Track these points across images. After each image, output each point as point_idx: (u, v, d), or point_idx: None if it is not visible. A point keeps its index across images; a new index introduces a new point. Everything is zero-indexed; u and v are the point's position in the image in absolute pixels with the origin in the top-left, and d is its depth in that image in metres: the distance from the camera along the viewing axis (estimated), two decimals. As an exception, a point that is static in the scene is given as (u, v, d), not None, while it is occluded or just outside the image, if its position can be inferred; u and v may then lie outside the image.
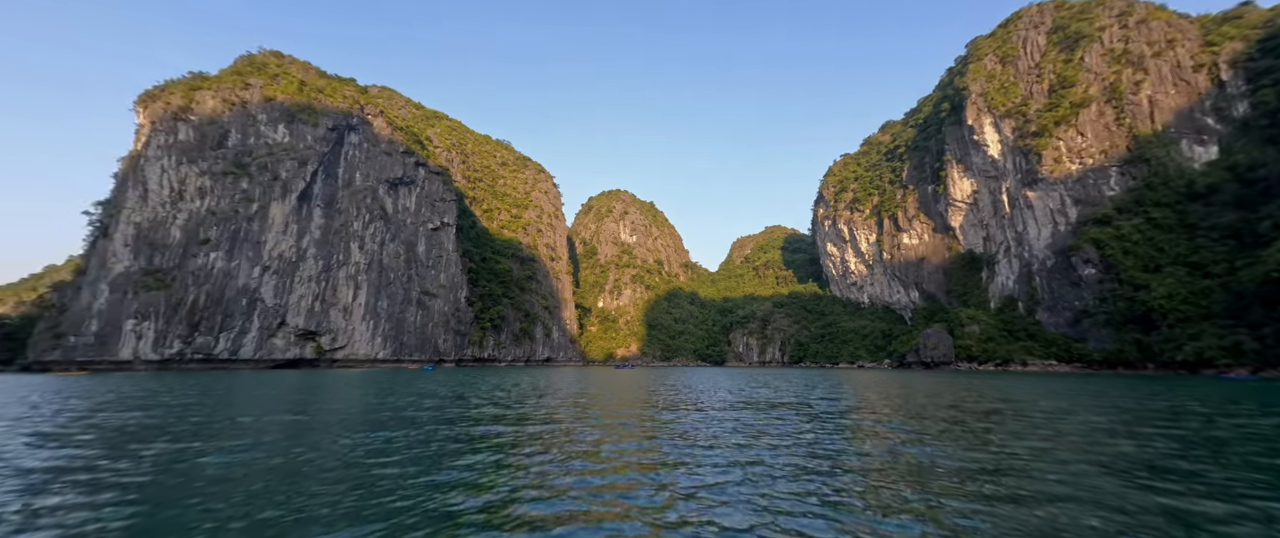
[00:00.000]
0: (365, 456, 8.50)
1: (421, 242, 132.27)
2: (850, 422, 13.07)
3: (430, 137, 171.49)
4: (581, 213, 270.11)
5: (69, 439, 10.36)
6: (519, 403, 18.21)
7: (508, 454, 8.73)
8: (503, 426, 12.34)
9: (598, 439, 10.23)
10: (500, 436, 10.73)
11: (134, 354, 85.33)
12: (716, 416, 14.19)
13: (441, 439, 10.20)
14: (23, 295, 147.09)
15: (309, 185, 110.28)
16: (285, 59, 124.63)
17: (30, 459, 8.36)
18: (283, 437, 10.51)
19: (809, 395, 21.63)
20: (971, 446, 9.72)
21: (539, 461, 8.18)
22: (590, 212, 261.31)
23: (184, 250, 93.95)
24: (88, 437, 10.64)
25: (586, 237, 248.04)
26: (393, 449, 8.93)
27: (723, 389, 25.47)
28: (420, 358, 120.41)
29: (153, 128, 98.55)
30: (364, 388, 26.98)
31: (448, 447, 9.39)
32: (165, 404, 17.89)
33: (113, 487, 6.62)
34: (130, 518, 5.30)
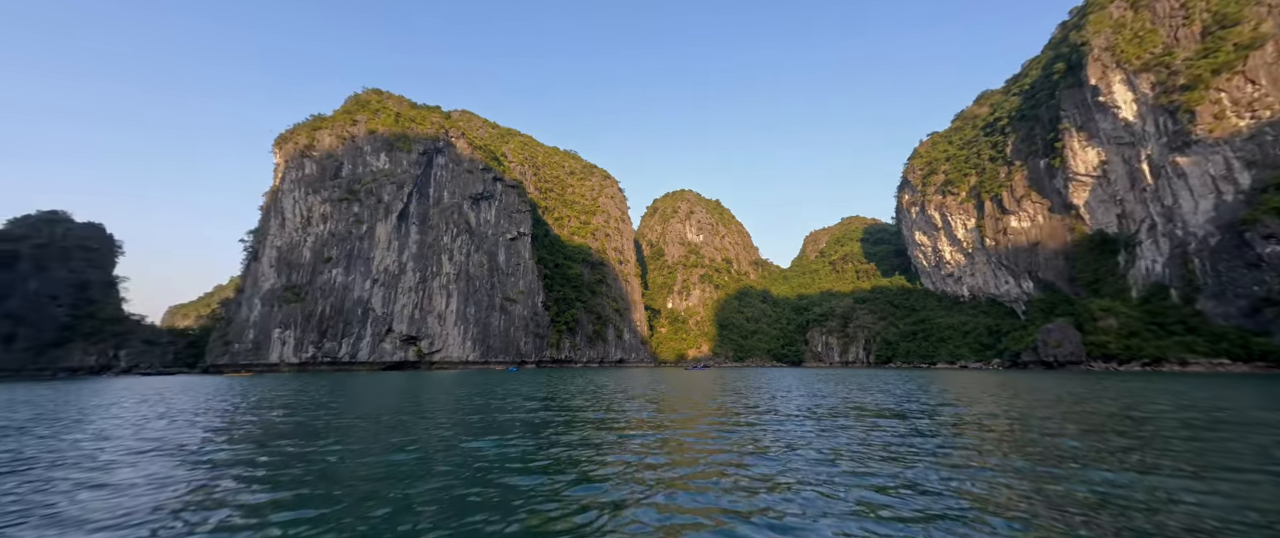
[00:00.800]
0: (499, 460, 9.12)
1: (501, 251, 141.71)
2: (1009, 439, 10.52)
3: (505, 153, 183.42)
4: (647, 215, 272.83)
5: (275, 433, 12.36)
6: (617, 408, 18.65)
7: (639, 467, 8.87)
8: (615, 433, 12.63)
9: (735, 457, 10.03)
10: (632, 442, 10.91)
11: (280, 358, 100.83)
12: (834, 424, 13.41)
13: (560, 444, 10.66)
14: (201, 311, 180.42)
15: (406, 205, 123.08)
16: (384, 95, 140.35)
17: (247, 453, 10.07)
18: (432, 439, 11.64)
19: (923, 400, 19.75)
20: (1206, 471, 7.51)
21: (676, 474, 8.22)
22: (655, 213, 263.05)
23: (313, 268, 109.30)
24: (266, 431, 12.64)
25: (653, 238, 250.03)
26: (533, 457, 9.36)
27: (804, 394, 24.17)
28: (505, 360, 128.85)
29: (286, 165, 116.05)
30: (468, 388, 29.29)
31: (567, 454, 9.75)
32: (308, 403, 20.74)
33: (272, 481, 7.72)
34: (316, 508, 6.13)
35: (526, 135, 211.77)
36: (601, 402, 19.86)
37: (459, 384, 34.98)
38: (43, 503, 6.34)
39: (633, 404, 18.74)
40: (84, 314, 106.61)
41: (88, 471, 8.17)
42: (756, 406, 17.72)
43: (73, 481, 7.51)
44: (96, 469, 8.26)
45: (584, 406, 18.12)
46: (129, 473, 7.93)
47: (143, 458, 9.14)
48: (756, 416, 14.51)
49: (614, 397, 22.15)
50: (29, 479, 7.66)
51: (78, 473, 8.00)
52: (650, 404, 18.61)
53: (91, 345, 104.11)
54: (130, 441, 11.27)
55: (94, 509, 6.00)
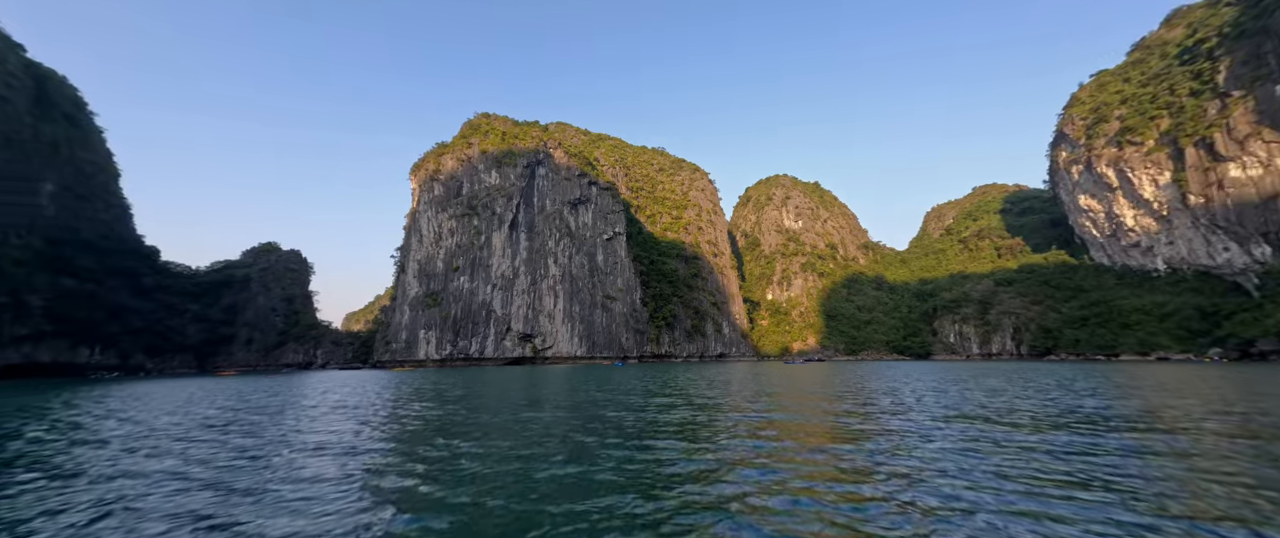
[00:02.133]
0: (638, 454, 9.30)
1: (599, 251, 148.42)
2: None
3: (597, 157, 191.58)
4: (739, 205, 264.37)
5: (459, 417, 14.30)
6: (727, 405, 18.16)
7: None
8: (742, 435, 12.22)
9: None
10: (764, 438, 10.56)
11: (426, 355, 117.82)
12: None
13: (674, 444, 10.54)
14: (368, 316, 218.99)
15: (515, 215, 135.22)
16: (491, 117, 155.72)
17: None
18: (570, 431, 12.42)
19: (1146, 406, 15.87)
20: None
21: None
22: (748, 203, 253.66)
23: (445, 277, 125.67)
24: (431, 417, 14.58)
25: (747, 228, 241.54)
26: (666, 461, 9.39)
27: (952, 394, 20.99)
28: (609, 355, 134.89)
29: (420, 189, 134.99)
30: (585, 382, 31.01)
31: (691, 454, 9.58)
32: (465, 395, 23.54)
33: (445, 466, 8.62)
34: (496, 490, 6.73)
35: (616, 138, 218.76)
36: (698, 400, 19.48)
37: (576, 377, 37.20)
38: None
39: (746, 402, 18.05)
40: (292, 322, 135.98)
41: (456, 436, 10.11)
42: (903, 407, 15.84)
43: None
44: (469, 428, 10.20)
45: (702, 400, 17.90)
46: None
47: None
48: (900, 419, 12.92)
49: (718, 394, 21.60)
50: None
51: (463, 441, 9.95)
52: (763, 398, 17.75)
53: (299, 346, 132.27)
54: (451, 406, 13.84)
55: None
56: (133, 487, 7.07)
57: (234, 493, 6.60)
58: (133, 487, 7.07)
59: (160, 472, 8.00)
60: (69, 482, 7.52)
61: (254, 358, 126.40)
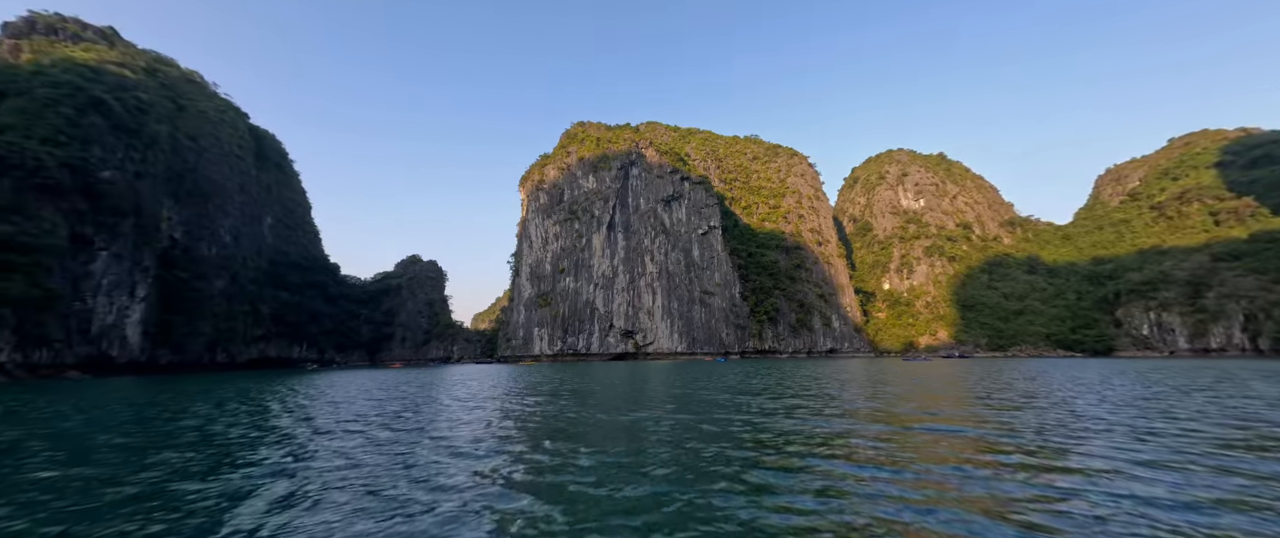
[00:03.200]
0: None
1: (695, 247, 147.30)
2: None
3: (688, 152, 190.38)
4: (845, 189, 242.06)
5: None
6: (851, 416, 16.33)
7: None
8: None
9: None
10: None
11: (540, 351, 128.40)
12: None
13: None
14: (490, 317, 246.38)
15: (612, 217, 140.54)
16: (587, 125, 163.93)
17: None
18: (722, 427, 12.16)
19: None
20: None
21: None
22: (856, 185, 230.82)
23: (553, 279, 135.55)
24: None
25: (855, 213, 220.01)
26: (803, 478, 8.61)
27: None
28: (710, 351, 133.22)
29: (528, 199, 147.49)
30: (688, 379, 30.69)
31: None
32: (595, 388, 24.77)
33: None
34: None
35: (706, 131, 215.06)
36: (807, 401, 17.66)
37: (684, 374, 37.09)
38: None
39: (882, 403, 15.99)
40: (434, 323, 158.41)
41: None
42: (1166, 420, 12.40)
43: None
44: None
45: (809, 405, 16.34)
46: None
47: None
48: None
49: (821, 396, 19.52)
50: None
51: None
52: (901, 402, 15.52)
53: (440, 343, 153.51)
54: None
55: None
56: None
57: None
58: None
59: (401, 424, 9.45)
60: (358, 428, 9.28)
61: (407, 353, 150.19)
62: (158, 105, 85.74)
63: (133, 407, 18.18)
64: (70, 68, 72.35)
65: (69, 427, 12.92)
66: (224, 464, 8.07)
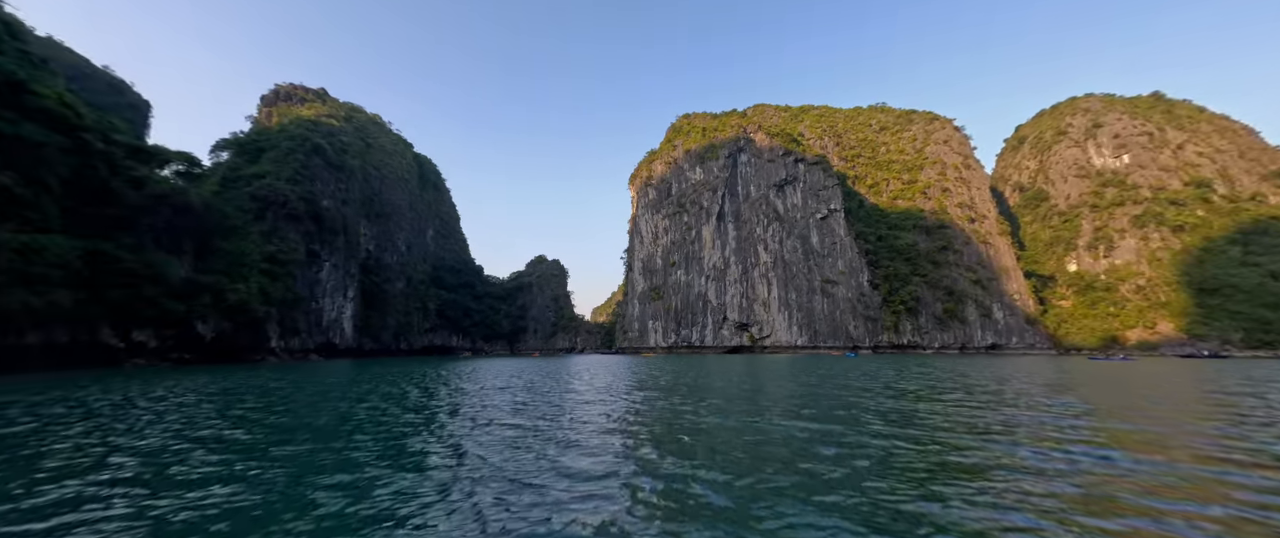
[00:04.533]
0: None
1: (813, 233, 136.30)
2: None
3: (801, 132, 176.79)
4: (1006, 152, 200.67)
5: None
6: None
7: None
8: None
9: None
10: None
11: (654, 343, 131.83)
12: None
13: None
14: (607, 310, 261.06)
15: (721, 207, 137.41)
16: (692, 117, 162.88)
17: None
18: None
19: None
20: None
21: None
22: (1022, 146, 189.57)
23: (665, 272, 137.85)
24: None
25: (1022, 180, 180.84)
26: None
27: None
28: (836, 345, 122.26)
29: (637, 195, 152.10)
30: (815, 376, 28.20)
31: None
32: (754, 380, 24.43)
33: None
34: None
35: (822, 106, 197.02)
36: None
37: (808, 371, 34.50)
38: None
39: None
40: (559, 316, 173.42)
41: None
42: None
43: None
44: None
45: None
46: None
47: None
48: None
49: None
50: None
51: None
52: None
53: (565, 335, 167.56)
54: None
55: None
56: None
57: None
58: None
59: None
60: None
61: (538, 343, 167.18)
62: (353, 145, 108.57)
63: (391, 375, 22.97)
64: (299, 123, 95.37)
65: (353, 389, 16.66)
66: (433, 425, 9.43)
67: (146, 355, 49.64)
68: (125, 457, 7.39)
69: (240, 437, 9.02)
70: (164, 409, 12.69)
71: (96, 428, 9.90)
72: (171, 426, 10.18)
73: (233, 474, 6.36)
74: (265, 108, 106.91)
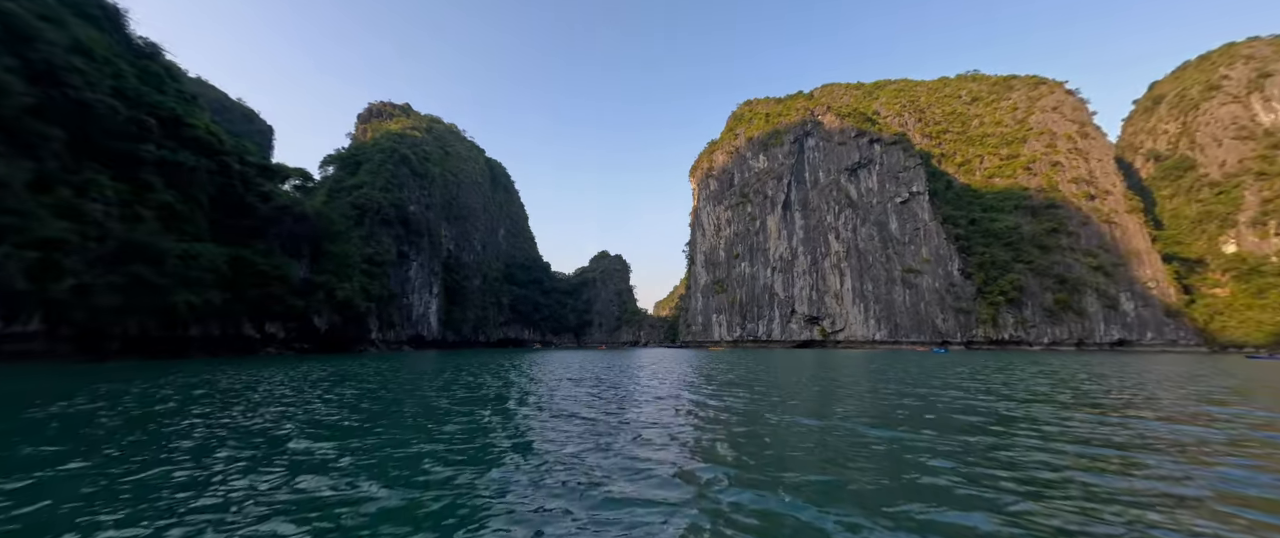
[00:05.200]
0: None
1: (892, 219, 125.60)
2: None
3: (876, 110, 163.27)
4: (1136, 115, 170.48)
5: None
6: None
7: None
8: None
9: None
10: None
11: (719, 337, 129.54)
12: None
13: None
14: (670, 304, 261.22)
15: (787, 195, 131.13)
16: (753, 103, 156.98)
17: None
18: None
19: None
20: None
21: None
22: (1159, 106, 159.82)
23: (728, 264, 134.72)
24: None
25: (1160, 147, 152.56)
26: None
27: None
28: (920, 340, 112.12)
29: (698, 187, 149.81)
30: (903, 378, 25.82)
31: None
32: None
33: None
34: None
35: (900, 80, 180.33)
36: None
37: (893, 369, 31.84)
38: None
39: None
40: (623, 310, 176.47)
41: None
42: None
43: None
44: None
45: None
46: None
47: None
48: None
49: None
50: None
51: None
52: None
53: (629, 328, 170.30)
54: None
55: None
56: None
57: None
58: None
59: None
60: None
61: (603, 337, 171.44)
62: (434, 153, 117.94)
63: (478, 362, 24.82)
64: (388, 136, 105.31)
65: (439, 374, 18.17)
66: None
67: (276, 345, 57.82)
68: (299, 423, 8.60)
69: (369, 409, 10.28)
70: (310, 386, 14.63)
71: (290, 398, 11.60)
72: (321, 398, 11.71)
73: (341, 446, 7.07)
74: (361, 124, 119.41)
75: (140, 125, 43.82)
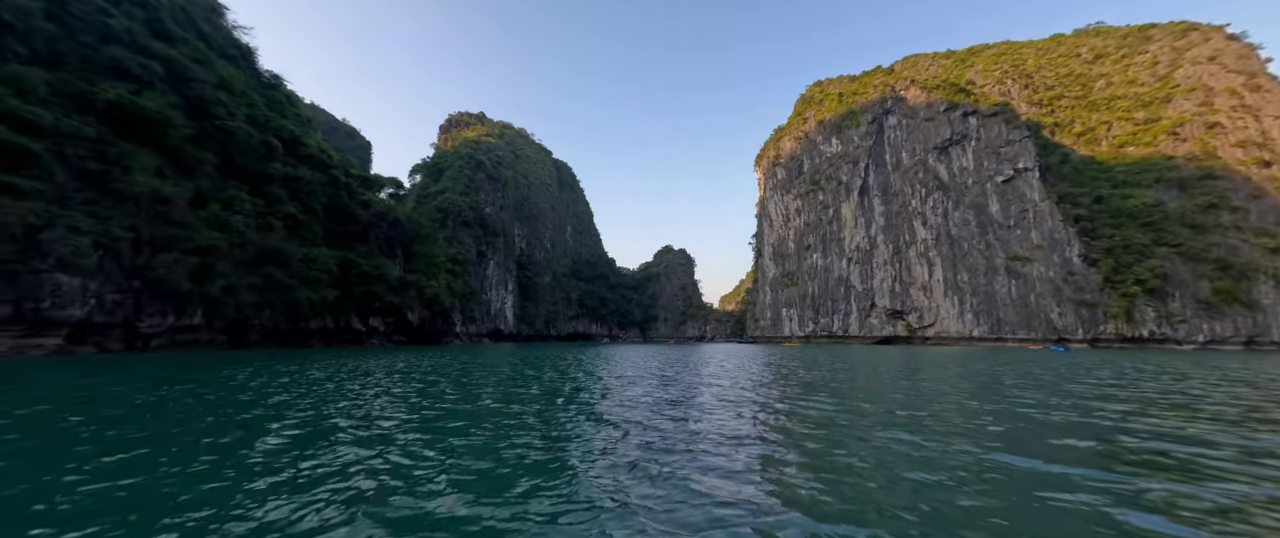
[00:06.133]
0: None
1: (992, 200, 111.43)
2: None
3: (971, 80, 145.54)
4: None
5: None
6: None
7: None
8: None
9: None
10: None
11: (790, 332, 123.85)
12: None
13: None
14: (736, 298, 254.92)
15: (864, 180, 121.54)
16: (824, 84, 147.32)
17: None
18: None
19: None
20: None
21: None
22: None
23: (798, 256, 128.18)
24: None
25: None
26: None
27: None
28: (1030, 336, 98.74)
29: (765, 177, 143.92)
30: (1040, 387, 22.51)
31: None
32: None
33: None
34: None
35: (1000, 43, 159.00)
36: None
37: (1012, 371, 28.10)
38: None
39: None
40: (687, 305, 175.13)
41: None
42: None
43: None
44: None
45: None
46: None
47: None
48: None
49: None
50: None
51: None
52: None
53: (694, 323, 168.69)
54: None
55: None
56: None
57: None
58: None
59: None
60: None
61: (669, 331, 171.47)
62: (506, 157, 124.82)
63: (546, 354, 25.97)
64: (465, 144, 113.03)
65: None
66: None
67: (378, 337, 64.63)
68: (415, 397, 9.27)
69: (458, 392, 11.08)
70: (422, 373, 15.87)
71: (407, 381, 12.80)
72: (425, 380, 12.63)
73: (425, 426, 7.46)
74: (443, 134, 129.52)
75: (268, 146, 50.73)
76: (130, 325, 33.75)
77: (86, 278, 30.06)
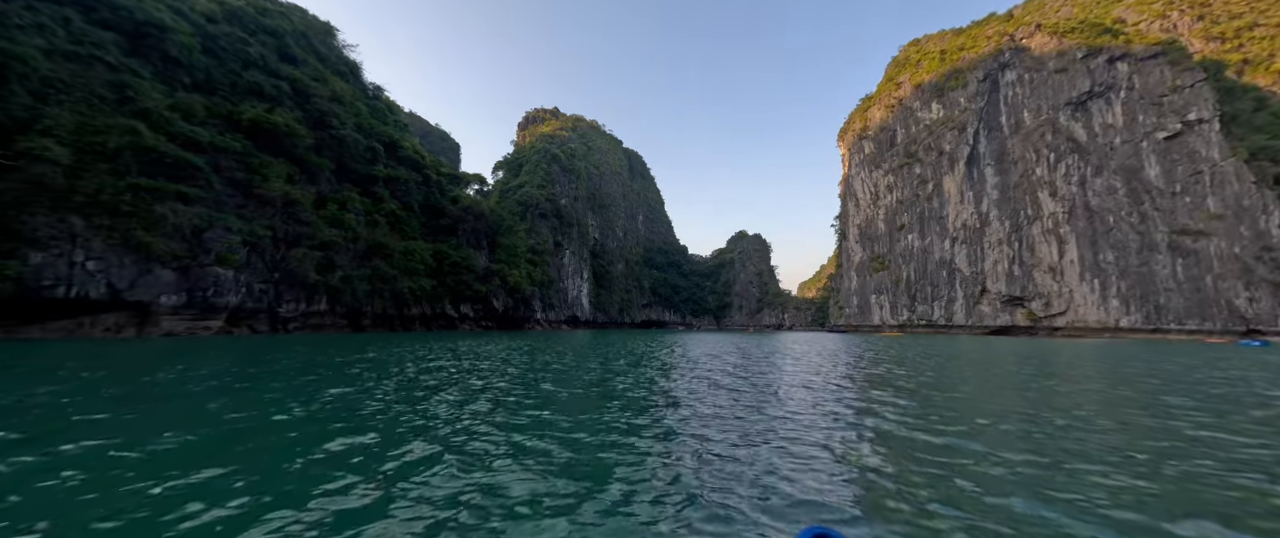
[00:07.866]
0: None
1: (1150, 162, 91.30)
2: None
3: (1120, 17, 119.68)
4: None
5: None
6: None
7: None
8: None
9: None
10: None
11: (880, 320, 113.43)
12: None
13: None
14: (816, 285, 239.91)
15: (973, 148, 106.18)
16: (924, 41, 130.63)
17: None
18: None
19: None
20: None
21: None
22: None
23: (890, 237, 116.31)
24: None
25: None
26: None
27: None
28: (1203, 327, 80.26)
29: (849, 154, 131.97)
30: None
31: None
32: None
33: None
34: None
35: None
36: None
37: (1239, 377, 22.61)
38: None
39: None
40: (763, 292, 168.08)
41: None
42: None
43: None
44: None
45: None
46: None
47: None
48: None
49: None
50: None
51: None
52: None
53: (771, 311, 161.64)
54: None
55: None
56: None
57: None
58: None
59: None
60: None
61: (744, 319, 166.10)
62: (578, 149, 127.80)
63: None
64: (541, 138, 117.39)
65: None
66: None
67: (469, 322, 69.92)
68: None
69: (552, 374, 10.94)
70: (519, 355, 16.50)
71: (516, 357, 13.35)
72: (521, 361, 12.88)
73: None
74: (521, 131, 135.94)
75: (373, 151, 56.26)
76: (273, 311, 39.47)
77: (238, 270, 35.46)
